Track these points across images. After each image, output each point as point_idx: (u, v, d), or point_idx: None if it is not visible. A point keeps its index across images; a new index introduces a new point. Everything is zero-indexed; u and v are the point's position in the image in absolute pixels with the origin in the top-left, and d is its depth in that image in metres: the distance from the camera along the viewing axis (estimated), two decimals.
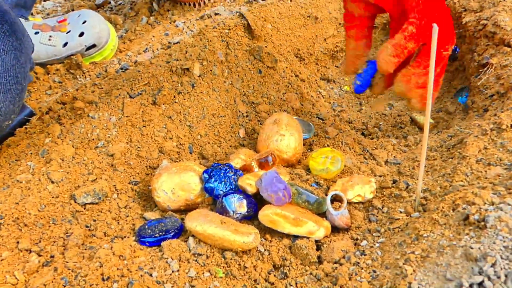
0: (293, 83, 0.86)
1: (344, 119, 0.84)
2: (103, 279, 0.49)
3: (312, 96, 0.88)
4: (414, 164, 0.65)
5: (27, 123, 0.77)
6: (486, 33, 0.76)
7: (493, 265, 0.38)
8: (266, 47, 0.88)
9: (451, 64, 0.91)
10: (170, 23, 1.10)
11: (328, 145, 0.71)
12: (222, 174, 0.61)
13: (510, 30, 0.73)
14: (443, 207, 0.48)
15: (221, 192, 0.60)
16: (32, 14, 1.25)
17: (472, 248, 0.41)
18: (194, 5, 1.11)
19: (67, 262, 0.52)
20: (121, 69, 0.94)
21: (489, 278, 0.38)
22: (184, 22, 1.08)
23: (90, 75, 0.97)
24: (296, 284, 0.51)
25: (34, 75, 0.95)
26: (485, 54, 0.75)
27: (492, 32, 0.75)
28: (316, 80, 0.96)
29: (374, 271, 0.47)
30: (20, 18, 0.96)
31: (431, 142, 0.69)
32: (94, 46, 0.96)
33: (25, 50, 0.66)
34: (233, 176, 0.61)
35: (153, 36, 1.06)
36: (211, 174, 0.61)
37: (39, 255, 0.54)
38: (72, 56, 0.96)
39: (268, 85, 0.82)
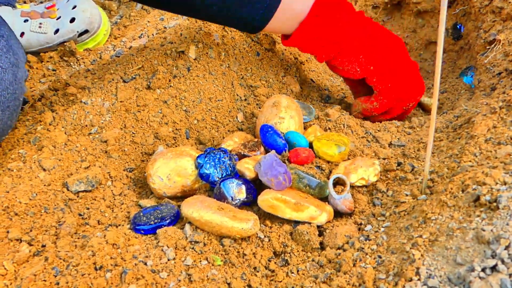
0: (293, 66, 0.83)
1: (347, 103, 0.81)
2: (95, 269, 0.47)
3: (312, 80, 0.85)
4: (419, 146, 0.63)
5: (20, 111, 0.74)
6: (493, 9, 0.73)
7: (506, 247, 0.36)
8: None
9: (456, 43, 0.88)
10: None
11: (329, 128, 0.68)
12: (217, 160, 0.58)
13: None
14: (451, 189, 0.46)
15: (217, 179, 0.58)
16: (25, 2, 1.22)
17: (484, 231, 0.38)
18: None
19: (58, 252, 0.50)
20: (116, 55, 0.91)
21: (502, 262, 0.35)
22: None
23: (84, 62, 0.94)
24: (298, 271, 0.49)
25: (28, 64, 0.92)
26: (492, 30, 0.72)
27: (500, 7, 0.72)
28: (316, 63, 0.93)
29: (380, 257, 0.45)
30: (7, 6, 0.93)
31: (436, 123, 0.67)
32: (86, 31, 0.93)
33: (21, 64, 0.66)
34: (228, 161, 0.59)
35: (148, 21, 1.03)
36: (206, 159, 0.58)
37: (30, 245, 0.52)
38: (65, 43, 0.93)
39: (266, 68, 0.79)
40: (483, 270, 0.36)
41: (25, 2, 1.22)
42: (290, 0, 0.64)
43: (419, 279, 0.38)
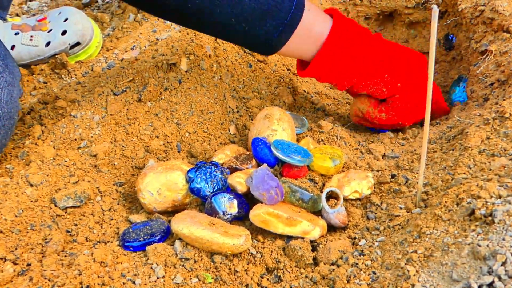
0: (285, 77, 0.82)
1: (339, 114, 0.81)
2: None
3: (304, 90, 0.85)
4: (413, 157, 0.62)
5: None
6: (484, 20, 0.73)
7: (503, 263, 0.35)
8: None
9: (448, 54, 0.88)
10: (158, 19, 1.07)
11: (322, 140, 0.67)
12: (208, 174, 0.57)
13: (509, 15, 0.70)
14: (446, 202, 0.45)
15: (208, 193, 0.57)
16: (17, 15, 1.21)
17: (479, 246, 0.37)
18: None
19: (44, 271, 0.48)
20: (108, 67, 0.91)
21: (499, 278, 0.35)
22: None
23: (76, 75, 0.93)
24: None
25: None
26: (483, 41, 0.72)
27: (490, 18, 0.72)
28: None
29: (374, 273, 0.44)
30: None
31: (430, 134, 0.66)
32: (78, 44, 0.93)
33: (16, 83, 0.66)
34: (219, 175, 0.58)
35: (141, 33, 1.02)
36: (197, 174, 0.57)
37: (15, 264, 0.50)
38: (56, 56, 0.92)
39: (259, 79, 0.79)
40: (480, 287, 0.35)
41: (17, 15, 1.21)
42: (310, 20, 0.60)
43: None
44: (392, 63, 0.64)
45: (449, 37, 0.85)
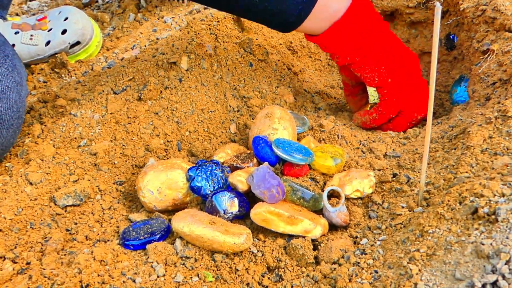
0: (286, 76, 0.82)
1: (341, 114, 0.80)
2: (81, 287, 0.45)
3: (305, 90, 0.85)
4: (414, 156, 0.62)
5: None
6: (486, 19, 0.73)
7: (507, 262, 0.35)
8: (256, 39, 0.84)
9: (449, 53, 0.88)
10: (158, 19, 1.07)
11: (323, 139, 0.67)
12: (208, 172, 0.57)
13: (511, 14, 0.70)
14: (448, 201, 0.45)
15: (209, 192, 0.56)
16: (17, 14, 1.21)
17: (483, 244, 0.37)
18: (183, 0, 1.07)
19: (43, 269, 0.48)
20: (108, 67, 0.90)
21: (503, 277, 0.34)
22: (173, 17, 1.05)
23: (75, 74, 0.93)
24: (292, 287, 0.47)
25: None
26: (485, 40, 0.72)
27: (492, 18, 0.72)
28: (310, 73, 0.93)
29: (376, 272, 0.43)
30: None
31: (431, 133, 0.66)
32: (78, 43, 0.93)
33: (24, 82, 0.66)
34: (220, 174, 0.57)
35: (141, 33, 1.02)
36: (197, 172, 0.57)
37: (14, 262, 0.50)
38: (56, 55, 0.92)
39: (259, 79, 0.79)
40: (484, 286, 0.34)
41: (17, 15, 1.21)
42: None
43: None
44: (391, 58, 0.68)
45: (451, 36, 0.85)
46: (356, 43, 0.66)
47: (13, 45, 0.90)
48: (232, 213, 0.54)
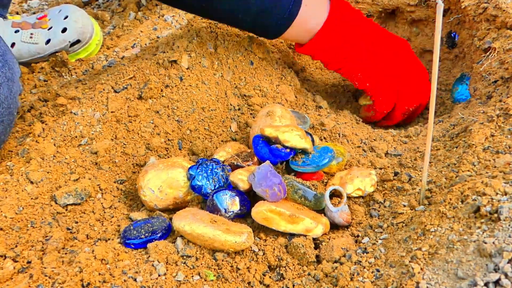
0: (287, 75, 0.82)
1: (341, 112, 0.80)
2: (82, 286, 0.45)
3: (306, 89, 0.84)
4: (416, 155, 0.62)
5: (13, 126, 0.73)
6: (487, 17, 0.73)
7: (510, 261, 0.35)
8: (257, 37, 0.84)
9: (450, 51, 0.87)
10: (159, 17, 1.07)
11: (324, 138, 0.67)
12: (209, 171, 0.57)
13: None
14: (450, 199, 0.45)
15: (210, 190, 0.56)
16: (17, 13, 1.21)
17: (485, 243, 0.37)
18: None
19: (44, 268, 0.48)
20: (109, 65, 0.90)
21: (506, 276, 0.34)
22: (173, 16, 1.04)
23: (76, 73, 0.93)
24: (294, 286, 0.47)
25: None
26: (487, 38, 0.72)
27: (494, 15, 0.72)
28: (311, 72, 0.92)
29: (378, 270, 0.43)
30: None
31: (433, 132, 0.66)
32: (78, 41, 0.92)
33: (16, 78, 0.66)
34: (221, 173, 0.57)
35: (141, 31, 1.02)
36: (198, 171, 0.57)
37: (15, 261, 0.50)
38: (56, 53, 0.92)
39: (260, 77, 0.78)
40: (486, 284, 0.34)
41: (17, 13, 1.21)
42: (306, 15, 0.69)
43: None
44: (367, 63, 0.73)
45: (452, 34, 0.85)
46: (335, 54, 0.72)
47: (13, 43, 0.90)
48: (233, 211, 0.54)
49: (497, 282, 0.34)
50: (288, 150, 0.57)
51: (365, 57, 0.72)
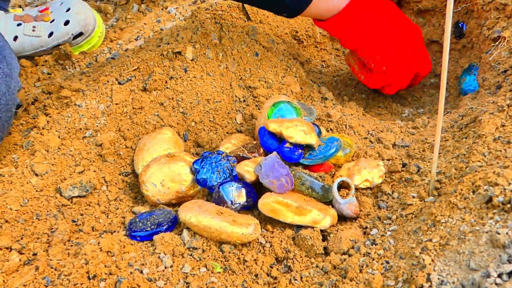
0: (292, 66, 0.81)
1: (348, 104, 0.79)
2: (88, 278, 0.44)
3: (312, 80, 0.83)
4: (424, 146, 0.61)
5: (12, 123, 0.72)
6: (497, 5, 0.71)
7: None
8: (262, 29, 0.83)
9: (458, 42, 0.86)
10: (162, 9, 1.06)
11: (331, 129, 0.66)
12: (214, 163, 0.56)
13: None
14: (461, 190, 0.44)
15: (215, 183, 0.55)
16: (20, 6, 1.20)
17: (498, 234, 0.36)
18: None
19: (50, 260, 0.48)
20: (112, 57, 0.89)
21: None
22: (177, 8, 1.03)
23: (80, 65, 0.92)
24: (301, 278, 0.46)
25: (22, 68, 0.90)
26: (496, 27, 0.71)
27: (503, 4, 0.70)
28: (316, 63, 0.91)
29: (387, 262, 0.43)
30: None
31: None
32: (81, 34, 0.92)
33: (14, 74, 0.65)
34: (225, 164, 0.57)
35: (145, 24, 1.01)
36: (202, 164, 0.56)
37: (21, 253, 0.49)
38: (60, 47, 0.91)
39: (265, 68, 0.77)
40: (500, 276, 0.34)
41: (20, 7, 1.20)
42: None
43: (430, 286, 0.36)
44: (386, 47, 0.72)
45: (460, 24, 0.84)
46: (356, 34, 0.71)
47: (16, 37, 0.89)
48: (239, 203, 0.53)
49: (511, 273, 0.33)
50: (300, 151, 0.56)
51: (386, 39, 0.72)
